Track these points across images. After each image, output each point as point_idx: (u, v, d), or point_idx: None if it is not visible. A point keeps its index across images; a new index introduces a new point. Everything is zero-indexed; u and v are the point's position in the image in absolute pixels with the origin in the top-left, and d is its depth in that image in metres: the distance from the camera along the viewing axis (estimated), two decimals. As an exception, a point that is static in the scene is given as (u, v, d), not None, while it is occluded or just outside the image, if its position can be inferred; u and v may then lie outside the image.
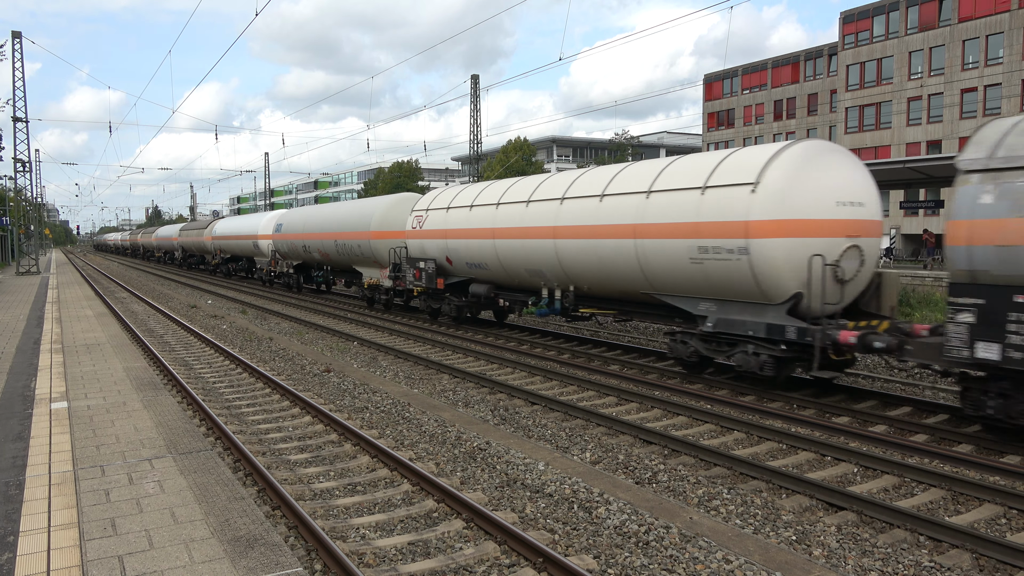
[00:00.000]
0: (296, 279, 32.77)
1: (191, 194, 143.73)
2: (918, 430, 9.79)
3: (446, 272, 19.91)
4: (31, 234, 56.25)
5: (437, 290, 20.21)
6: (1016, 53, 46.80)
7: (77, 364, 12.83)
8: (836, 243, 10.94)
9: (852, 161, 11.65)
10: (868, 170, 11.77)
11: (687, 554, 6.07)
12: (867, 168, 11.81)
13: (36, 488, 6.58)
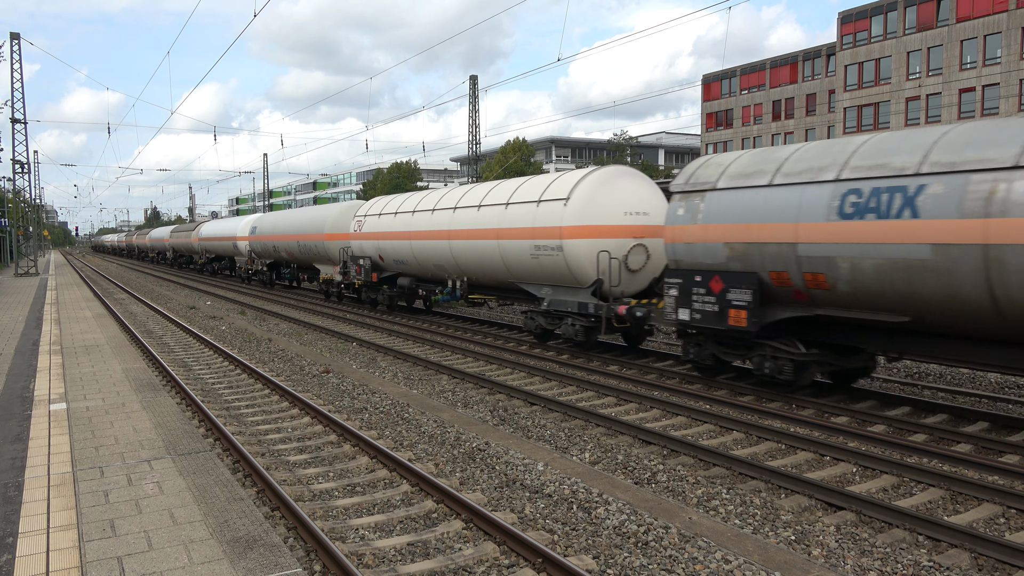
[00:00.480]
0: (269, 276, 36.98)
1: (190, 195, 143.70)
2: (917, 430, 9.80)
3: (380, 268, 23.92)
4: (30, 235, 56.20)
5: (373, 283, 24.30)
6: (1014, 53, 46.87)
7: (76, 365, 12.82)
8: (624, 243, 14.95)
9: (642, 181, 15.77)
10: (656, 188, 15.69)
11: (686, 554, 6.07)
12: (656, 186, 15.82)
13: (35, 489, 6.58)
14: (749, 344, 11.70)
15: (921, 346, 10.18)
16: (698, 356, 12.63)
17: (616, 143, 78.01)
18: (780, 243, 10.62)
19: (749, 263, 11.21)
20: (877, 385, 12.50)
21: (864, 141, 10.29)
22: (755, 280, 11.06)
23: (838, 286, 10.03)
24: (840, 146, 10.59)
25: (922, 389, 12.13)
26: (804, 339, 11.16)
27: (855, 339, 10.77)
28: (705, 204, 11.88)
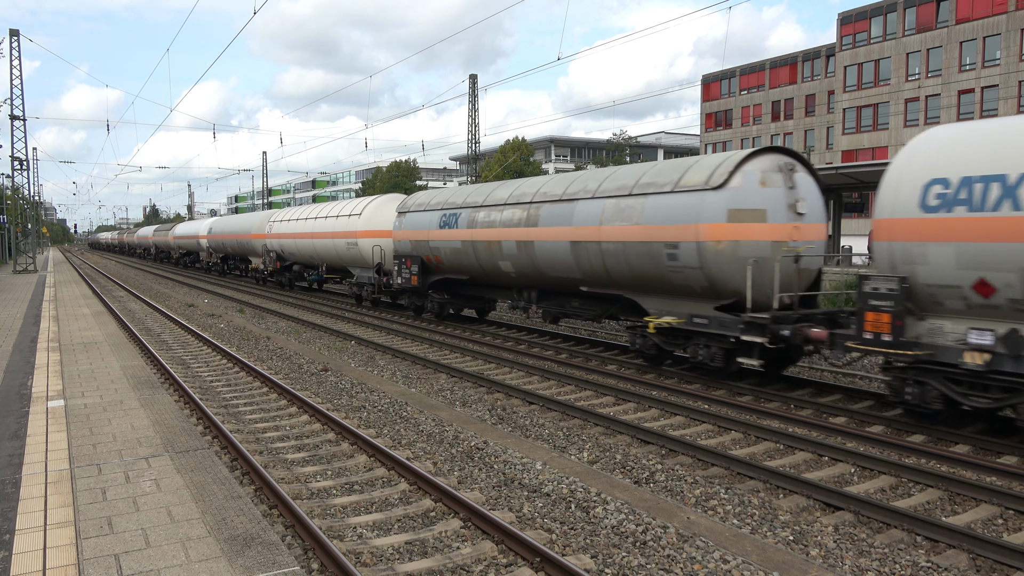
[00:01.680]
0: (220, 267, 45.82)
1: (189, 193, 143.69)
2: (915, 430, 9.80)
3: (284, 259, 32.97)
4: (28, 232, 56.13)
5: (280, 269, 33.52)
6: (1013, 55, 46.90)
7: (74, 362, 12.81)
8: (388, 241, 23.35)
9: (396, 203, 23.98)
10: None
11: (684, 554, 6.07)
12: None
13: (32, 486, 6.57)
14: (423, 294, 21.36)
15: (490, 291, 19.60)
16: (410, 304, 22.59)
17: (615, 143, 77.99)
18: (425, 241, 20.24)
19: (418, 251, 20.73)
20: (875, 386, 12.50)
21: (474, 190, 19.52)
22: (420, 260, 20.73)
23: (443, 262, 19.78)
24: (460, 190, 20.32)
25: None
26: (448, 291, 20.81)
27: (474, 292, 20.30)
28: (403, 220, 21.58)
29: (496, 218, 17.23)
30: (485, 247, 17.58)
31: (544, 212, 15.54)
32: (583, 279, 14.82)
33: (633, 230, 13.09)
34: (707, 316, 12.27)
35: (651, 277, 13.09)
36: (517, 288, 17.83)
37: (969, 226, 8.61)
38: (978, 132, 9.37)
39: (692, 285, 12.38)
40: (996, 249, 8.40)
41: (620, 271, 13.70)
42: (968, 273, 8.70)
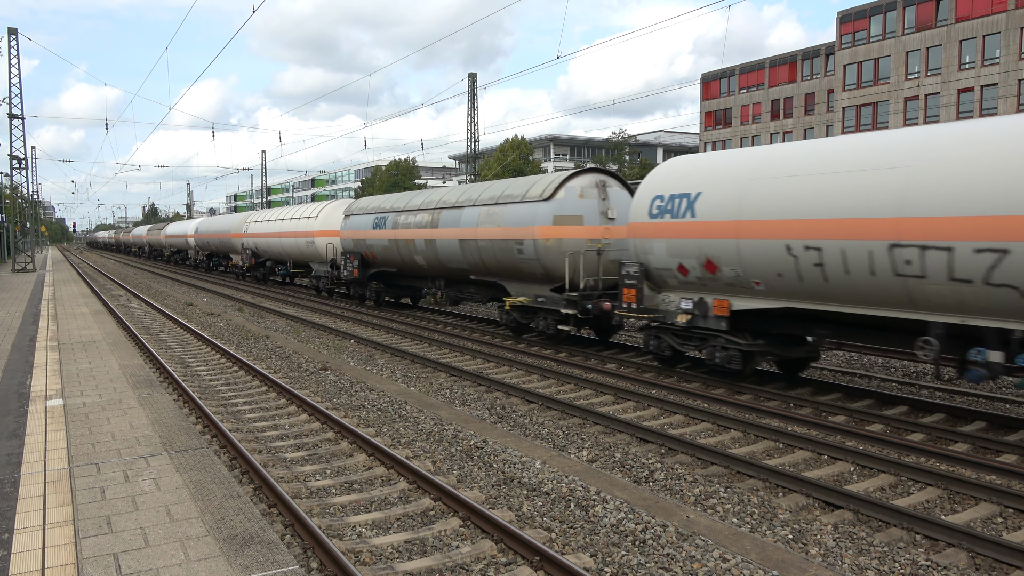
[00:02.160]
0: (206, 263, 49.35)
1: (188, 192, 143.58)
2: (915, 429, 9.80)
3: (258, 255, 36.69)
4: (27, 231, 56.10)
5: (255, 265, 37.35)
6: (1013, 53, 46.91)
7: (73, 361, 12.80)
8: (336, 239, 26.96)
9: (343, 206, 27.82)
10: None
11: (684, 553, 6.07)
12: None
13: (31, 485, 6.56)
14: (363, 284, 25.24)
15: (413, 281, 23.15)
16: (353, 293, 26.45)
17: (614, 142, 77.98)
18: (363, 239, 23.75)
19: (358, 248, 24.35)
20: (875, 384, 12.51)
21: (399, 198, 23.39)
22: (360, 255, 24.35)
23: (377, 257, 23.40)
24: (390, 197, 24.48)
25: (919, 389, 12.14)
26: (384, 282, 24.56)
27: (403, 283, 23.97)
28: (348, 221, 25.15)
29: (412, 221, 20.85)
30: (404, 244, 21.31)
31: (443, 217, 19.42)
32: (470, 269, 18.73)
33: (497, 231, 17.05)
34: (545, 296, 16.28)
35: (509, 267, 17.06)
36: (430, 278, 21.62)
37: (672, 228, 12.47)
38: (682, 162, 13.37)
39: (535, 272, 16.32)
40: (685, 243, 12.27)
41: (491, 263, 17.62)
42: (674, 260, 12.51)
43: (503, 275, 17.56)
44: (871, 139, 10.29)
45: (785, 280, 10.76)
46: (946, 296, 8.99)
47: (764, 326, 11.90)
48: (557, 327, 15.94)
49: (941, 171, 8.90)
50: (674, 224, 12.36)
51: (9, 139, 40.44)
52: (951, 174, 8.79)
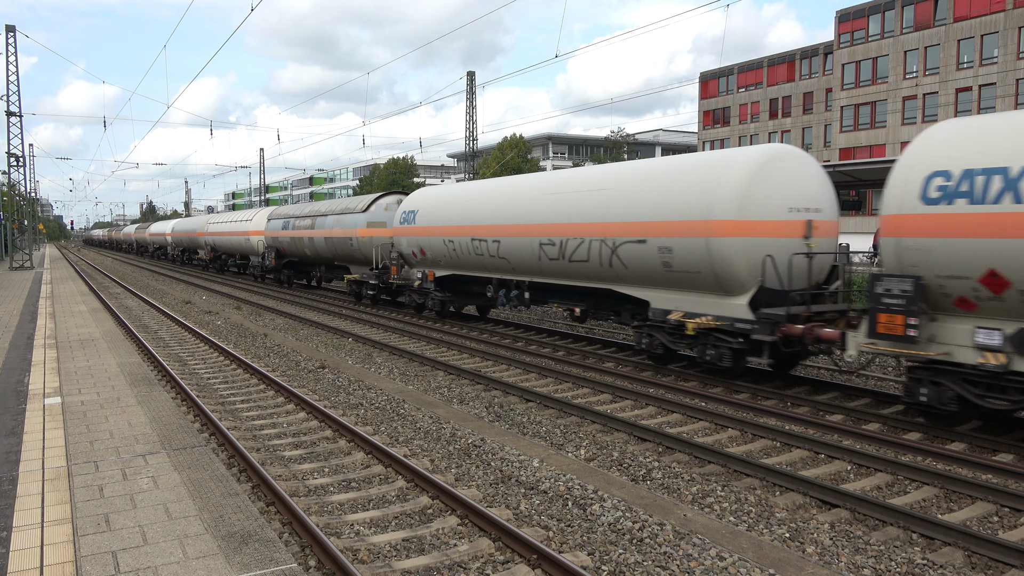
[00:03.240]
0: (181, 258, 56.56)
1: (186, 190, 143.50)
2: (911, 428, 9.83)
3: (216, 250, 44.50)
4: (25, 229, 56.01)
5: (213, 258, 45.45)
6: (1011, 53, 46.95)
7: (71, 359, 12.80)
8: None
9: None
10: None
11: (681, 551, 6.08)
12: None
13: (29, 484, 6.57)
14: (279, 270, 33.36)
15: (309, 268, 32.19)
16: (275, 278, 34.34)
17: (613, 140, 77.98)
18: (276, 237, 31.74)
19: (275, 244, 31.85)
20: (872, 383, 12.53)
21: (299, 207, 32.38)
22: (275, 249, 32.08)
23: (286, 251, 31.75)
24: (296, 207, 32.92)
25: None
26: (294, 269, 33.24)
27: (304, 269, 32.92)
28: (268, 224, 32.84)
29: (302, 224, 29.74)
30: (298, 241, 30.22)
31: (316, 222, 28.46)
32: (332, 258, 28.24)
33: (340, 231, 26.30)
34: (368, 274, 24.70)
35: (347, 255, 26.57)
36: (316, 264, 31.02)
37: (406, 230, 21.34)
38: (424, 193, 22.19)
39: (358, 258, 25.62)
40: (431, 240, 20.24)
41: (340, 253, 26.97)
42: (411, 248, 21.21)
43: (346, 261, 27.08)
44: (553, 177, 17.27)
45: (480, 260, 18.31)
46: (600, 271, 14.34)
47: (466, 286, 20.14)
48: (372, 293, 24.55)
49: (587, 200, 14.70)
50: (405, 228, 21.26)
51: (7, 136, 40.42)
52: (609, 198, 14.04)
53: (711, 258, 11.71)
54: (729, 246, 11.46)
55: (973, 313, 8.83)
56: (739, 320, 11.62)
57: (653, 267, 12.85)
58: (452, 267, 19.54)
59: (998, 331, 8.51)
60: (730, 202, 11.49)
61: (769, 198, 11.56)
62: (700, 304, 12.33)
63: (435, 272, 20.16)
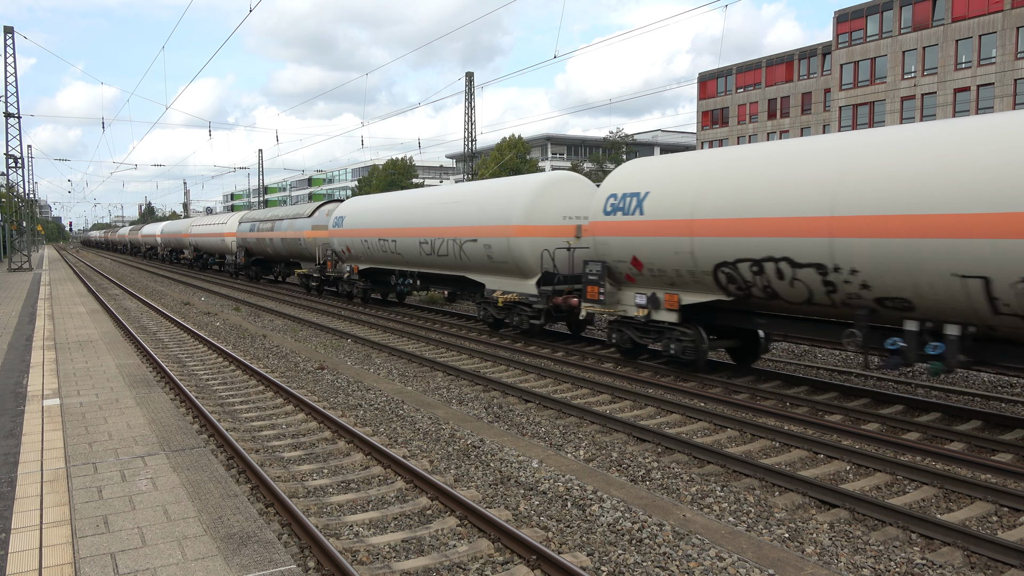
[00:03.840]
0: (169, 258, 61.14)
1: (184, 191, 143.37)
2: (910, 428, 9.83)
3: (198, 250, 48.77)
4: (23, 230, 55.95)
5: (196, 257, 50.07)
6: (1009, 53, 46.99)
7: (70, 361, 12.78)
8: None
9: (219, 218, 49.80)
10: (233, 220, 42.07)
11: (680, 551, 6.08)
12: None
13: (28, 485, 6.56)
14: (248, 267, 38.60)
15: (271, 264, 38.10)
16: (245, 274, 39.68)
17: (611, 141, 77.97)
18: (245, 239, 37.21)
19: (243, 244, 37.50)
20: (871, 383, 12.54)
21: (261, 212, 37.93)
22: (245, 248, 37.61)
23: (253, 250, 37.24)
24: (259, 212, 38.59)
25: (915, 388, 12.18)
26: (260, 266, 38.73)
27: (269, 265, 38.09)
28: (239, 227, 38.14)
29: (264, 227, 34.59)
30: (262, 241, 35.25)
31: (274, 225, 33.29)
32: (287, 256, 33.20)
33: (291, 233, 31.28)
34: (312, 268, 29.59)
35: (297, 253, 31.53)
36: (277, 262, 36.42)
37: (336, 231, 26.78)
38: (353, 202, 26.76)
39: (306, 255, 30.33)
40: (353, 239, 24.88)
41: (292, 252, 32.05)
42: (342, 245, 25.88)
43: (298, 258, 32.06)
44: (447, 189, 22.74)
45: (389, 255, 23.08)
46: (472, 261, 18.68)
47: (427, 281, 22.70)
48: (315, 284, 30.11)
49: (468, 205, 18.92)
50: (336, 230, 25.99)
51: (5, 138, 40.33)
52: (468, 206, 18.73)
53: (511, 252, 16.74)
54: (520, 244, 16.52)
55: (633, 284, 13.63)
56: (530, 295, 16.61)
57: (482, 259, 17.85)
58: (369, 261, 24.55)
59: (644, 295, 13.38)
60: (521, 212, 16.59)
61: (547, 210, 16.61)
62: (510, 284, 17.37)
63: (358, 266, 25.31)
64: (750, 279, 11.10)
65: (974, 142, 8.77)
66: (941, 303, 9.02)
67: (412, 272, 22.21)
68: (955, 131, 9.20)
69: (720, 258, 11.42)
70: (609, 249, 13.58)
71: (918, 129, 9.80)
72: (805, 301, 10.61)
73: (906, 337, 9.42)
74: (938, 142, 9.15)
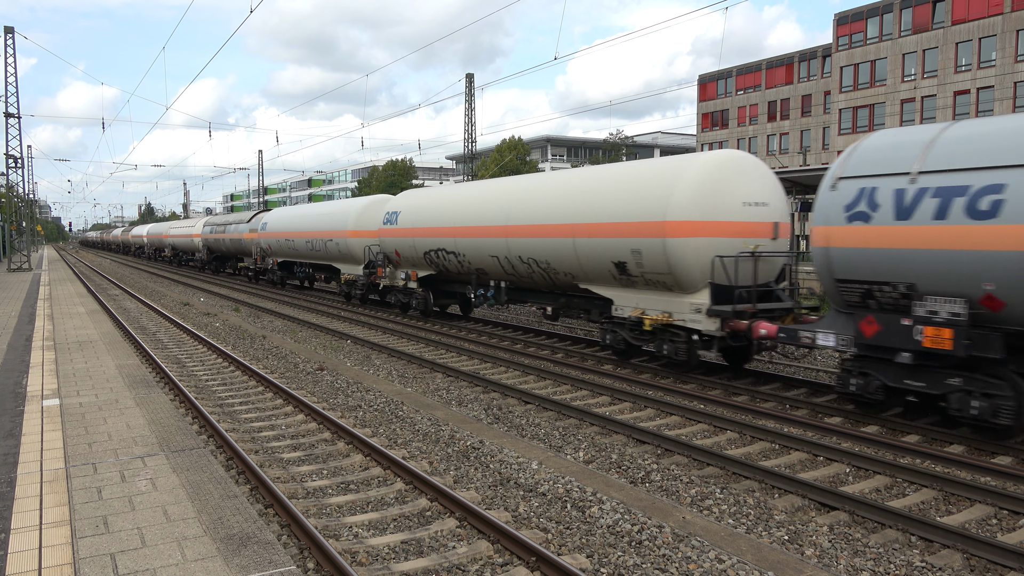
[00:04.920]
0: (153, 256, 68.44)
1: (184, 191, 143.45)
2: (910, 431, 9.83)
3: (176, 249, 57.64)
4: (23, 231, 55.94)
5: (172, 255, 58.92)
6: (1008, 56, 47.03)
7: (69, 361, 12.78)
8: None
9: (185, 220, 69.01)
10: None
11: (680, 553, 6.08)
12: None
13: (28, 485, 6.56)
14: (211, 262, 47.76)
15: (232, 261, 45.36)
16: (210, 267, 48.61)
17: (611, 143, 78.02)
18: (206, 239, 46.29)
19: (207, 244, 46.68)
20: (870, 386, 12.52)
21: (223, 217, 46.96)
22: (208, 247, 47.27)
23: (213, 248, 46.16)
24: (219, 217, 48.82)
25: (915, 390, 12.16)
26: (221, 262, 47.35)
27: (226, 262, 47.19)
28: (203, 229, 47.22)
29: (220, 230, 42.19)
30: (220, 241, 42.35)
31: (227, 228, 40.56)
32: (236, 253, 40.50)
33: (236, 235, 38.65)
34: (249, 262, 37.99)
35: (241, 251, 39.37)
36: (229, 258, 43.71)
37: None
38: (278, 212, 36.39)
39: (247, 252, 37.88)
40: (266, 240, 34.59)
41: (238, 249, 39.35)
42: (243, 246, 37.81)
43: (242, 255, 39.42)
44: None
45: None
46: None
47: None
48: (251, 274, 37.97)
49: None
50: (263, 233, 33.47)
51: (5, 138, 40.32)
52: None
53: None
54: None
55: (400, 266, 21.87)
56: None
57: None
58: (284, 255, 32.20)
59: (405, 271, 21.57)
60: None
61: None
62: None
63: (277, 260, 33.34)
64: (437, 260, 19.72)
65: (540, 188, 16.47)
66: (497, 271, 17.56)
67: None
68: (532, 181, 17.52)
69: (431, 247, 19.69)
70: (383, 244, 22.51)
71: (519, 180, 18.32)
72: (457, 271, 19.37)
73: (489, 288, 18.24)
74: (526, 185, 17.13)
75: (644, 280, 13.13)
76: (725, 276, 12.05)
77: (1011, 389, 8.57)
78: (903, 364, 9.39)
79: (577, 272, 14.66)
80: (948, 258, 8.74)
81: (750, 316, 11.74)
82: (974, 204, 8.49)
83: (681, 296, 12.57)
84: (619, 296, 13.91)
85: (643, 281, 13.18)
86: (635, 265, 13.01)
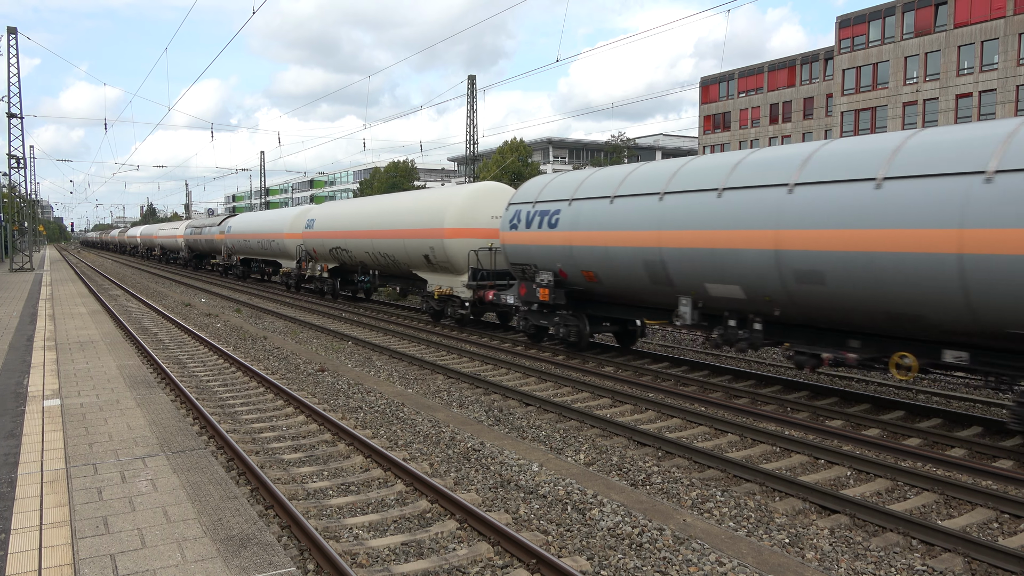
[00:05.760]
0: (145, 254, 74.10)
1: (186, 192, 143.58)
2: (911, 434, 9.82)
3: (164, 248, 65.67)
4: (25, 231, 56.00)
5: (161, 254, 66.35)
6: (1011, 59, 47.01)
7: (70, 361, 12.78)
8: None
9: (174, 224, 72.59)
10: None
11: (680, 556, 6.07)
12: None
13: (28, 486, 6.56)
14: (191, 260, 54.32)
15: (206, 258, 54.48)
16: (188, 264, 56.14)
17: (613, 145, 78.03)
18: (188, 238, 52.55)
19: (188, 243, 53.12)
20: (872, 389, 12.52)
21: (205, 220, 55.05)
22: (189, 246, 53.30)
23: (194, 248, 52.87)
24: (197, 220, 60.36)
25: (916, 393, 12.17)
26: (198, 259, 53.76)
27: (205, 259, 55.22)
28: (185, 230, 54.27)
29: (198, 231, 47.84)
30: (199, 241, 47.66)
31: (202, 230, 47.14)
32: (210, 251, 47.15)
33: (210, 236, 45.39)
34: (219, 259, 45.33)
35: (213, 249, 45.93)
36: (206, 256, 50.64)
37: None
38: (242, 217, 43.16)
39: (220, 251, 44.01)
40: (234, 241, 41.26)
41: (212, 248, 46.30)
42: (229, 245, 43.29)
43: (214, 252, 45.01)
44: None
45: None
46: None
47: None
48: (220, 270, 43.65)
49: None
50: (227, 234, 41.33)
51: (8, 138, 40.42)
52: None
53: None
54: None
55: (316, 261, 28.45)
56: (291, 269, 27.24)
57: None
58: (243, 253, 39.49)
59: (320, 265, 29.12)
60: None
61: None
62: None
63: (239, 256, 39.44)
64: (338, 255, 25.16)
65: (390, 205, 23.36)
66: (371, 262, 24.25)
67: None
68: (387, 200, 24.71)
69: (332, 246, 25.91)
70: (306, 244, 28.74)
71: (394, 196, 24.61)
72: (350, 263, 25.63)
73: (368, 275, 24.90)
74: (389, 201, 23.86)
75: (439, 266, 20.00)
76: (478, 263, 18.98)
77: (577, 322, 15.30)
78: (534, 310, 16.24)
79: (407, 262, 21.66)
80: (545, 250, 15.10)
81: (488, 288, 18.48)
82: (550, 220, 14.91)
83: (456, 276, 19.57)
84: (431, 278, 20.86)
85: (440, 267, 20.02)
86: (433, 257, 20.03)
